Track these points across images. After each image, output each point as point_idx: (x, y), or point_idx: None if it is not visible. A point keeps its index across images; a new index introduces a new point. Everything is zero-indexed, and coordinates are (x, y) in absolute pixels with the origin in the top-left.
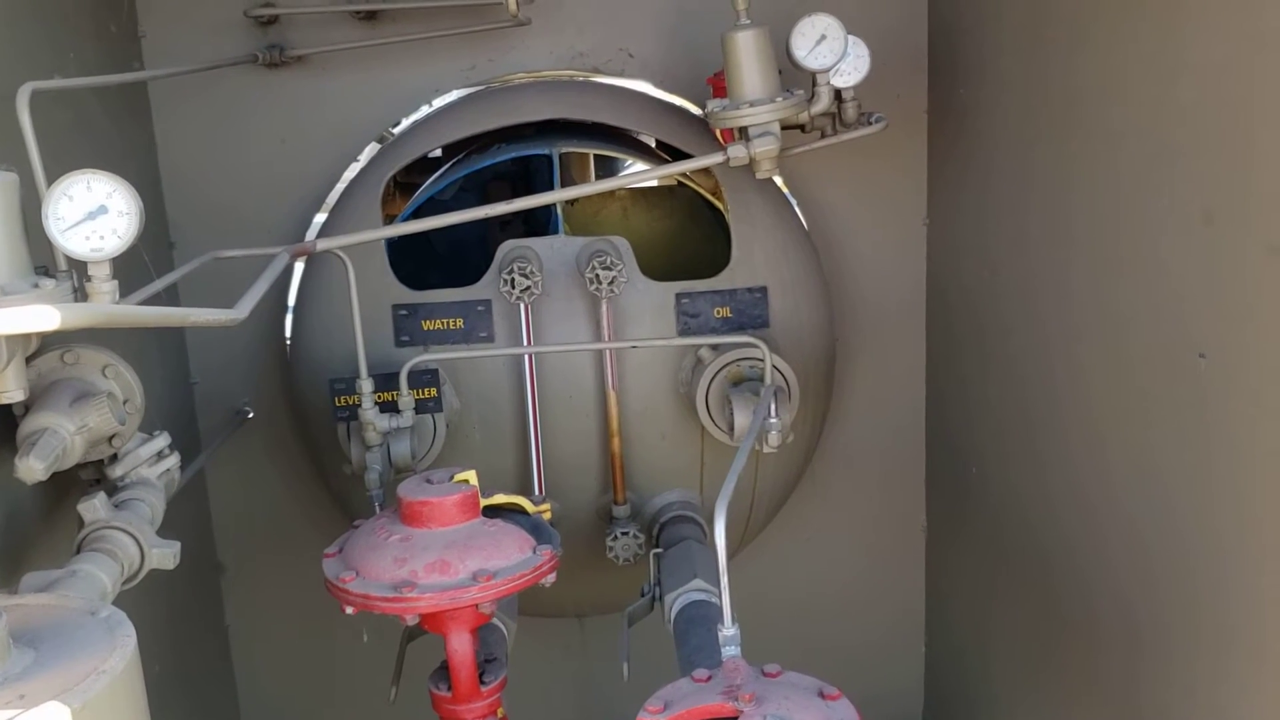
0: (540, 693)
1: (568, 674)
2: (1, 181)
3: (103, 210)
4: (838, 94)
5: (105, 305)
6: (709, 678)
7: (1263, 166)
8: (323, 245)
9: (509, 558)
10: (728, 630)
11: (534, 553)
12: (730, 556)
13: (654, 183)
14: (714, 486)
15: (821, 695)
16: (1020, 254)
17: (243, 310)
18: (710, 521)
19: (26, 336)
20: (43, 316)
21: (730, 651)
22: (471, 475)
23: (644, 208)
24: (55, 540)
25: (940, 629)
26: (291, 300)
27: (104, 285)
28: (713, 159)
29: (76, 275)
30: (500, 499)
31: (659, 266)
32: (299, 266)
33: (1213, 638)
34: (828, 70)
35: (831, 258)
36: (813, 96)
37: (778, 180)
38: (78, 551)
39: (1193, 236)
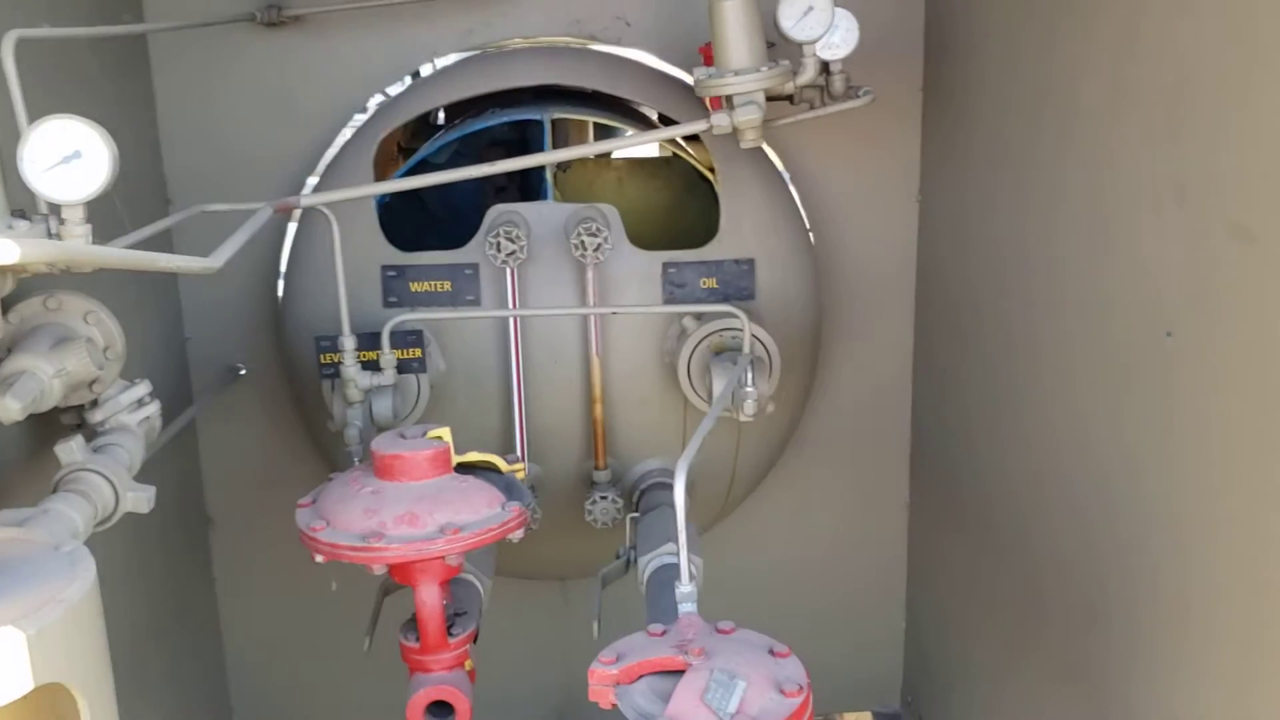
0: (523, 653)
1: (550, 635)
2: None
3: (77, 155)
4: (826, 66)
5: (67, 244)
6: (664, 632)
7: (1232, 148)
8: (307, 201)
9: (477, 512)
10: (684, 588)
11: (502, 509)
12: (711, 525)
13: (655, 151)
14: (696, 454)
15: (771, 653)
16: (1009, 232)
17: (218, 260)
18: (690, 488)
19: (2, 276)
20: (1, 250)
21: (686, 609)
22: (445, 432)
23: (640, 178)
24: (39, 484)
25: (921, 607)
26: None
27: (77, 228)
28: (696, 126)
29: (55, 220)
30: (474, 457)
31: (655, 237)
32: (293, 226)
33: (1168, 617)
34: (814, 42)
35: (823, 232)
36: (799, 68)
37: (771, 153)
38: (54, 492)
39: (1165, 216)
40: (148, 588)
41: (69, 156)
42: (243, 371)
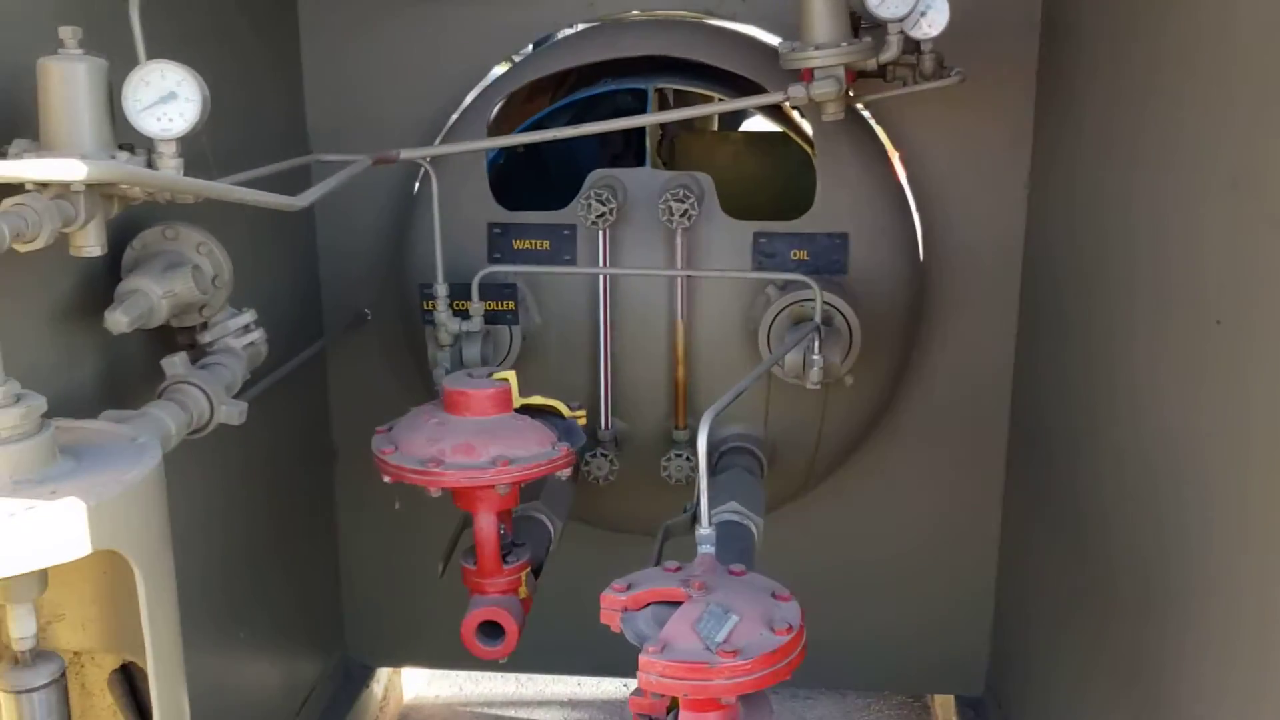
0: None
1: None
2: (93, 65)
3: (173, 96)
4: (917, 45)
5: (134, 168)
6: (678, 568)
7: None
8: (405, 155)
9: (529, 449)
10: (703, 530)
11: (553, 448)
12: (794, 496)
13: (775, 127)
14: (778, 423)
15: (774, 596)
16: (1117, 226)
17: (304, 200)
18: (771, 456)
19: (107, 198)
20: (69, 168)
21: (704, 549)
22: (510, 375)
23: (758, 153)
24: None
25: (1009, 597)
26: None
27: (170, 161)
28: (772, 98)
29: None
30: (537, 400)
31: (769, 210)
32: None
33: (1217, 626)
34: (899, 20)
35: (929, 213)
36: (884, 45)
37: (879, 130)
38: (157, 399)
39: (1220, 203)
40: (274, 505)
41: (165, 97)
42: (369, 316)
